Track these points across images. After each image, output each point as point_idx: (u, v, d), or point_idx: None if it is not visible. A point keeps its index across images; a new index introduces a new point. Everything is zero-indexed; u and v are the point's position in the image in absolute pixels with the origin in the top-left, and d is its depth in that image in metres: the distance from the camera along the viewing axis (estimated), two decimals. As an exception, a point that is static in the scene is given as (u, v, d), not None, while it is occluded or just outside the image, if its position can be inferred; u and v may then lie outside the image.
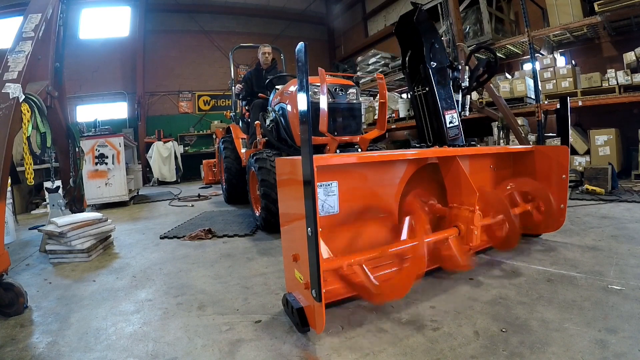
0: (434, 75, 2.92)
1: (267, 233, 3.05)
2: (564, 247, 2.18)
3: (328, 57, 12.92)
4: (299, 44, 1.18)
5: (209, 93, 11.15)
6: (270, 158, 2.99)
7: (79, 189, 3.25)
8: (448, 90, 2.93)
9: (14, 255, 2.75)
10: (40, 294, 1.97)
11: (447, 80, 2.96)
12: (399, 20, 3.31)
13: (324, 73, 2.79)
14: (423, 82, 3.07)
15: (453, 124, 2.79)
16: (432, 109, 2.94)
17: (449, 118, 2.80)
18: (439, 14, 6.40)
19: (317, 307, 1.21)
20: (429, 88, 2.95)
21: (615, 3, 4.44)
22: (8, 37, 2.69)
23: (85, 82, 9.63)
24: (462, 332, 1.30)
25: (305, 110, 1.16)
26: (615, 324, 1.27)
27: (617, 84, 4.58)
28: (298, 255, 1.33)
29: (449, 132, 2.79)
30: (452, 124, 2.80)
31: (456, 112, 2.82)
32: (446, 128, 2.80)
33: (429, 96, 2.98)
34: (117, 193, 5.26)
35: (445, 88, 2.92)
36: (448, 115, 2.81)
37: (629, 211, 2.98)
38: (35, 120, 2.11)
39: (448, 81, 2.96)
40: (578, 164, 4.91)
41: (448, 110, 2.83)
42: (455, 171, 1.88)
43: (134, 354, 1.30)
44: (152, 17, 10.39)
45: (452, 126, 2.79)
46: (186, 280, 2.06)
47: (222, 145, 4.85)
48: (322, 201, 1.62)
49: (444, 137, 2.89)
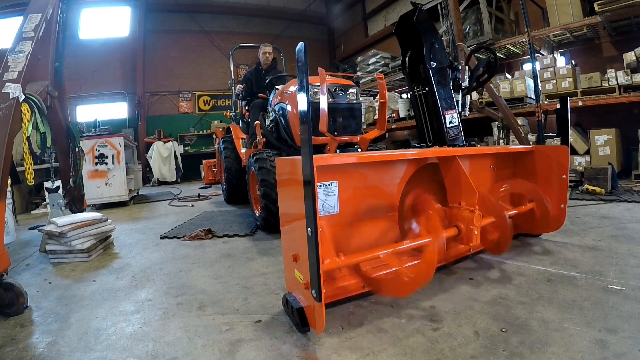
0: (434, 75, 2.92)
1: (267, 233, 3.05)
2: (564, 247, 2.18)
3: (328, 57, 12.92)
4: (299, 44, 1.18)
5: (209, 93, 11.15)
6: (270, 158, 2.99)
7: (79, 189, 3.25)
8: (448, 90, 2.93)
9: (14, 255, 2.75)
10: (40, 294, 1.97)
11: (447, 80, 2.96)
12: (399, 21, 3.32)
13: (324, 73, 2.79)
14: (423, 82, 3.07)
15: (453, 124, 2.80)
16: (432, 109, 2.94)
17: (449, 118, 2.80)
18: (439, 14, 6.40)
19: (317, 307, 1.21)
20: (429, 88, 2.96)
21: (615, 3, 4.44)
22: (8, 37, 2.69)
23: (85, 82, 9.63)
24: (462, 332, 1.30)
25: (305, 110, 1.16)
26: (615, 324, 1.27)
27: (617, 84, 4.58)
28: (298, 255, 1.33)
29: (449, 132, 2.79)
30: (452, 124, 2.80)
31: (456, 112, 2.83)
32: (446, 128, 2.80)
33: (429, 96, 2.98)
34: (117, 193, 5.26)
35: (445, 88, 2.92)
36: (448, 115, 2.81)
37: (629, 211, 2.98)
38: (35, 120, 2.11)
39: (448, 81, 2.96)
40: (578, 164, 4.91)
41: (448, 110, 2.83)
42: (455, 171, 1.88)
43: (134, 354, 1.30)
44: (152, 17, 10.39)
45: (452, 126, 2.80)
46: (186, 280, 2.06)
47: (222, 145, 4.85)
48: (322, 201, 1.62)
49: (444, 137, 2.89)
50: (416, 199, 1.84)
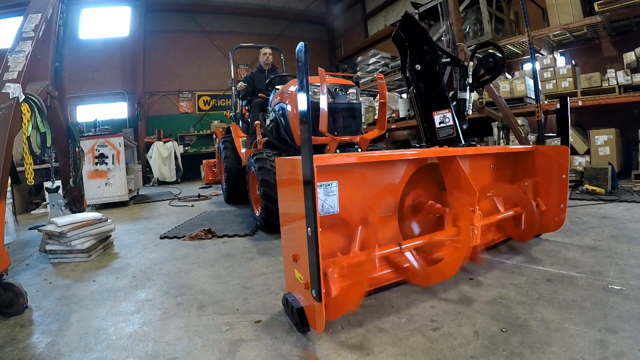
0: (420, 77, 2.93)
1: (267, 233, 3.05)
2: (564, 247, 2.18)
3: (328, 57, 12.92)
4: (299, 44, 1.18)
5: (209, 93, 11.15)
6: (270, 158, 2.99)
7: (79, 189, 3.25)
8: (440, 91, 2.90)
9: (14, 255, 2.75)
10: (40, 294, 1.97)
11: (438, 80, 2.93)
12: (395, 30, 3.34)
13: (324, 73, 2.78)
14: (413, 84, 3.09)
15: (445, 124, 2.77)
16: (422, 110, 2.95)
17: (439, 118, 2.78)
18: (439, 14, 6.40)
19: (317, 307, 1.21)
20: (416, 90, 2.97)
21: (615, 3, 4.44)
22: (8, 37, 2.68)
23: (85, 82, 9.63)
24: (462, 332, 1.30)
25: (305, 110, 1.16)
26: (615, 324, 1.27)
27: (617, 84, 4.58)
28: (298, 255, 1.33)
29: (439, 132, 2.78)
30: (443, 124, 2.78)
31: (450, 112, 2.78)
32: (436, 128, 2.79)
33: (417, 98, 3.00)
34: (117, 193, 5.26)
35: (437, 88, 2.88)
36: (438, 115, 2.79)
37: (629, 211, 2.98)
38: (35, 120, 2.11)
39: (441, 81, 2.94)
40: (578, 164, 4.90)
41: (439, 110, 2.80)
42: (455, 171, 1.88)
43: (134, 354, 1.30)
44: (152, 17, 10.39)
45: (444, 126, 2.77)
46: (186, 280, 2.06)
47: (222, 145, 4.86)
48: (322, 201, 1.62)
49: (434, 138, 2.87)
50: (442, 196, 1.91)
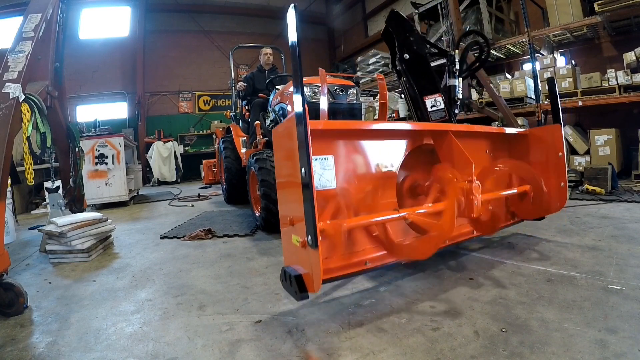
0: (410, 66, 3.00)
1: (267, 233, 3.05)
2: (564, 247, 2.18)
3: (328, 57, 12.92)
4: (290, 6, 1.19)
5: (209, 93, 11.15)
6: (270, 158, 2.99)
7: (79, 189, 3.25)
8: (430, 76, 2.98)
9: (14, 255, 2.75)
10: (40, 294, 1.97)
11: (427, 67, 3.01)
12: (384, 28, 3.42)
13: (324, 73, 2.79)
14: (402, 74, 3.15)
15: (436, 107, 2.82)
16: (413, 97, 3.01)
17: (430, 102, 2.83)
18: (439, 14, 6.40)
19: (312, 254, 1.20)
20: (406, 78, 3.03)
21: (615, 3, 4.44)
22: (8, 37, 2.69)
23: (85, 82, 9.64)
24: (462, 332, 1.30)
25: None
26: (615, 324, 1.27)
27: (617, 84, 4.58)
28: (294, 218, 1.32)
29: (431, 115, 2.82)
30: (434, 107, 2.83)
31: (441, 96, 2.85)
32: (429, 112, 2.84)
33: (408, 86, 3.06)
34: (117, 193, 5.26)
35: (427, 75, 2.97)
36: (429, 100, 2.84)
37: (629, 211, 2.98)
38: (35, 120, 2.12)
39: (429, 68, 3.02)
40: (578, 164, 4.90)
41: (429, 95, 2.87)
42: (448, 144, 1.87)
43: (134, 354, 1.30)
44: (152, 17, 10.39)
45: (436, 109, 2.82)
46: (186, 280, 2.06)
47: (222, 145, 4.86)
48: (318, 175, 1.58)
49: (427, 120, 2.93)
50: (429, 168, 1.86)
